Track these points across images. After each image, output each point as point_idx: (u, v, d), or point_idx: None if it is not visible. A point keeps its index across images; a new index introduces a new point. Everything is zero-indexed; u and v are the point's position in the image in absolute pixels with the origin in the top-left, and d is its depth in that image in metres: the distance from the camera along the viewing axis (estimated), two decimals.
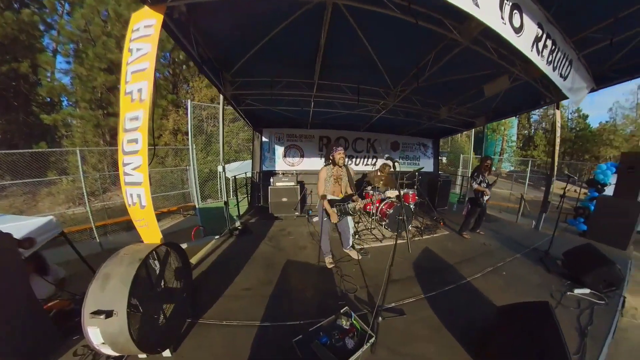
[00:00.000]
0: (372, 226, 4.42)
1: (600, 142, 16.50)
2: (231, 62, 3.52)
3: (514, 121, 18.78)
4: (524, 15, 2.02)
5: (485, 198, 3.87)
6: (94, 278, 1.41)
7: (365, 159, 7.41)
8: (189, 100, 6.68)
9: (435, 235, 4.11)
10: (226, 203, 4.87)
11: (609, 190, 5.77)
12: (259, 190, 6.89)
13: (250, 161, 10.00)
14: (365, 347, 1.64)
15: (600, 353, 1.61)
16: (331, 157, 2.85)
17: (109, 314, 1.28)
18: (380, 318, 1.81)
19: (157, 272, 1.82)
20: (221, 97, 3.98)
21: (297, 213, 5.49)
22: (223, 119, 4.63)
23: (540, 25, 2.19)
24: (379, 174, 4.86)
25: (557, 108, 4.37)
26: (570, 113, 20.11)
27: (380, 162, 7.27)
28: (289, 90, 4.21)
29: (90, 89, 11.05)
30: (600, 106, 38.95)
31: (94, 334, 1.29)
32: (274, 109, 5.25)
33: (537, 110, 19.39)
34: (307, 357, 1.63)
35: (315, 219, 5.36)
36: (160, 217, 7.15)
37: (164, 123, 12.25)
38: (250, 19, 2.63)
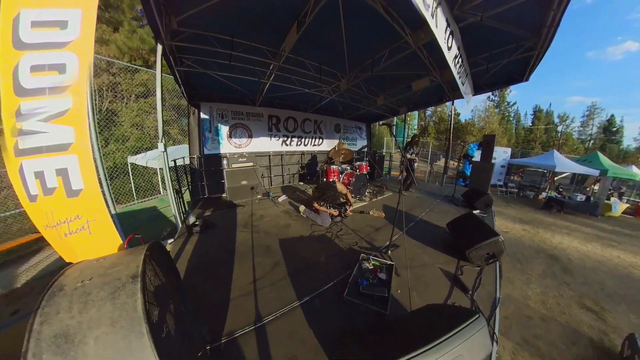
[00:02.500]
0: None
1: (466, 131, 26.78)
2: (184, 5, 3.01)
3: (415, 114, 25.29)
4: (454, 40, 3.48)
5: (415, 165, 5.76)
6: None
7: (313, 140, 8.40)
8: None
9: (384, 196, 5.70)
10: (178, 191, 4.25)
11: (477, 160, 9.49)
12: (201, 178, 6.21)
13: (177, 147, 8.91)
14: (393, 273, 2.36)
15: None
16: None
17: None
18: (389, 251, 2.83)
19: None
20: (159, 48, 3.19)
21: (259, 196, 5.52)
22: (161, 77, 3.51)
23: (459, 49, 3.76)
24: (336, 149, 6.04)
25: (453, 104, 6.81)
26: (450, 111, 29.50)
27: (326, 142, 8.56)
28: (250, 55, 4.11)
29: None
30: (466, 108, 57.30)
31: None
32: (222, 74, 4.79)
33: (430, 108, 27.44)
34: (365, 301, 1.99)
35: (281, 199, 5.87)
36: (29, 248, 4.72)
37: None
38: None
